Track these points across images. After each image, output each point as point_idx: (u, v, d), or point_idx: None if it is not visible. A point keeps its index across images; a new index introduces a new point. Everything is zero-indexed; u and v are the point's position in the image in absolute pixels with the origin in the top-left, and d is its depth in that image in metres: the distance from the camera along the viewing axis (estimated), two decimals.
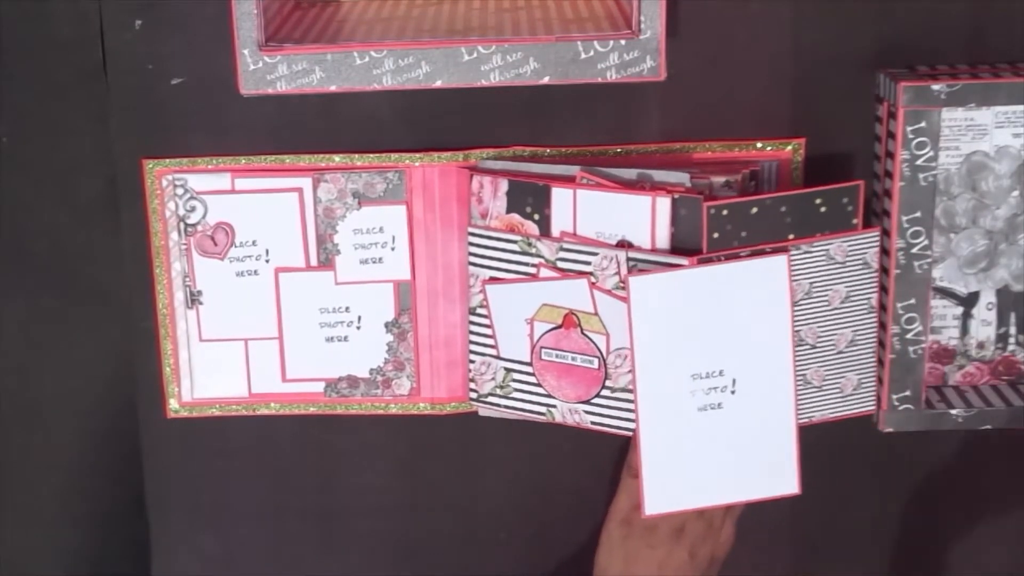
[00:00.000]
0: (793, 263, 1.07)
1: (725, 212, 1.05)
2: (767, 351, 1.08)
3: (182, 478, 1.19)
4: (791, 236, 1.07)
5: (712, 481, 1.10)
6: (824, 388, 1.11)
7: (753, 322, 1.07)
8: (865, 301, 1.10)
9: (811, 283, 1.08)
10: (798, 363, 1.09)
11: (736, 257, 1.06)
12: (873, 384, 1.12)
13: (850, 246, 1.08)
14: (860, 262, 1.09)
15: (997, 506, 1.21)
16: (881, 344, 1.11)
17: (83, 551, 1.21)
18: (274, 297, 1.15)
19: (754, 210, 1.06)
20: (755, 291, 1.06)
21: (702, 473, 1.09)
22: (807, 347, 1.10)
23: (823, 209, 1.07)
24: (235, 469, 1.19)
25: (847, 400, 1.12)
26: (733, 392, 1.08)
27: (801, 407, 1.11)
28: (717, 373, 1.08)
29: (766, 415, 1.09)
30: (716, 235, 1.06)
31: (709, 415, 1.08)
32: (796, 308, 1.08)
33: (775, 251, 1.06)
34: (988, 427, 1.13)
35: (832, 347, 1.10)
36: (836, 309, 1.09)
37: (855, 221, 1.08)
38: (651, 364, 1.07)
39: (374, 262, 1.14)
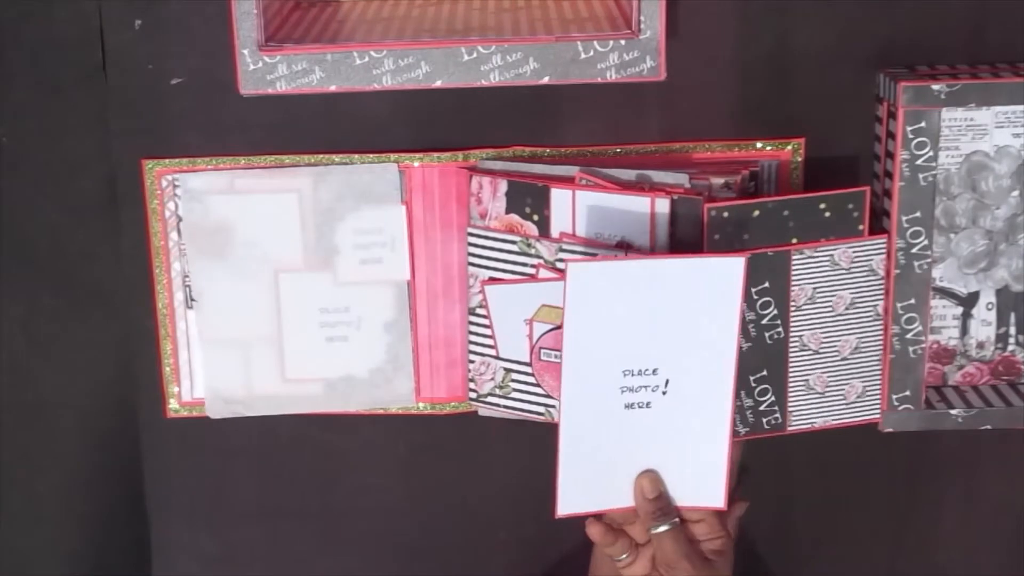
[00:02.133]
0: (796, 267, 1.07)
1: (726, 214, 1.05)
2: (709, 355, 1.03)
3: (182, 478, 1.19)
4: (794, 240, 1.07)
5: (632, 483, 1.06)
6: (827, 394, 1.11)
7: (699, 323, 1.02)
8: (871, 308, 1.09)
9: (814, 288, 1.08)
10: (800, 368, 1.09)
11: (691, 253, 1.04)
12: (878, 392, 1.11)
13: (856, 252, 1.08)
14: (866, 269, 1.08)
15: (996, 506, 1.21)
16: None
17: (83, 551, 1.21)
18: (274, 297, 1.15)
19: (756, 213, 1.06)
20: (706, 291, 1.02)
21: (622, 473, 1.06)
22: (809, 352, 1.09)
23: (828, 214, 1.07)
24: (235, 469, 1.19)
25: (851, 407, 1.11)
26: (664, 392, 1.04)
27: (803, 413, 1.10)
28: (650, 371, 1.03)
29: (698, 422, 1.05)
30: (717, 236, 1.05)
31: (636, 413, 1.04)
32: (798, 313, 1.08)
33: (735, 252, 1.03)
34: (988, 427, 1.13)
35: (835, 353, 1.10)
36: (840, 315, 1.09)
37: (861, 227, 1.08)
38: (581, 354, 1.02)
39: (374, 262, 1.14)
